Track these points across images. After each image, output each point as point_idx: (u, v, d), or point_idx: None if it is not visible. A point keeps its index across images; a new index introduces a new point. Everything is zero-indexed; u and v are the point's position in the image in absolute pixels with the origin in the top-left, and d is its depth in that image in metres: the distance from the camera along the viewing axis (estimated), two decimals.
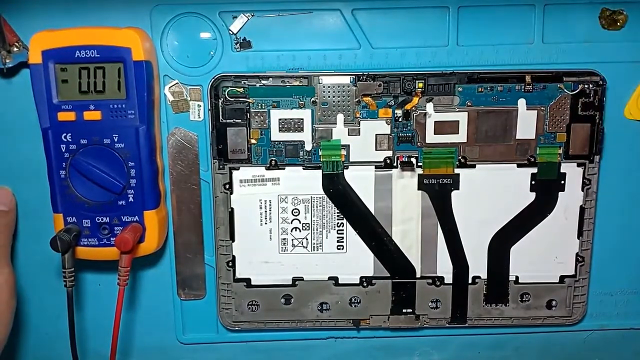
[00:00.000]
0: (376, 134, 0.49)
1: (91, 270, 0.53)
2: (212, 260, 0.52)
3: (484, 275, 0.52)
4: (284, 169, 0.49)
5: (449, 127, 0.49)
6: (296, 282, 0.52)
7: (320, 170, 0.50)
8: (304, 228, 0.51)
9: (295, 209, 0.50)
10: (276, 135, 0.49)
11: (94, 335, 0.54)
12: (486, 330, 0.55)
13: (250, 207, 0.50)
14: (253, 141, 0.49)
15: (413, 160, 0.49)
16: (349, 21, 0.48)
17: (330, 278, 0.52)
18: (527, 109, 0.49)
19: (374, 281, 0.52)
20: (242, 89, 0.48)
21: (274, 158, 0.49)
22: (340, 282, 0.52)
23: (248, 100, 0.48)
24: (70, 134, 0.45)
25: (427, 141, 0.49)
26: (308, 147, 0.49)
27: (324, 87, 0.48)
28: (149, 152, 0.46)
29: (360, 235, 0.51)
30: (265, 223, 0.51)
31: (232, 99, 0.48)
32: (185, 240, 0.52)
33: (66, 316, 0.54)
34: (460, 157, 0.50)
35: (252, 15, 0.48)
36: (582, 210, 0.51)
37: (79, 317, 0.53)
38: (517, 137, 0.49)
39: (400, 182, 0.50)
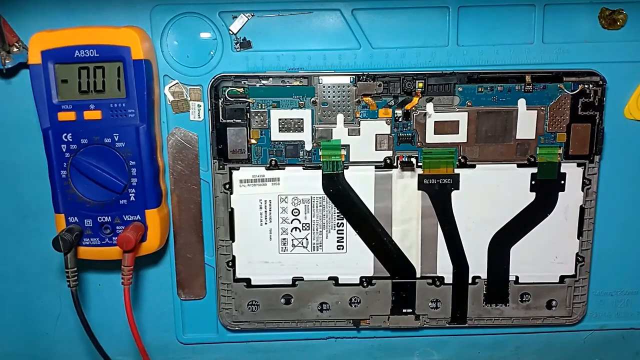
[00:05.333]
0: (376, 134, 0.49)
1: (91, 270, 0.53)
2: (212, 260, 0.52)
3: (484, 275, 0.52)
4: (284, 169, 0.50)
5: (449, 127, 0.49)
6: (296, 282, 0.52)
7: (320, 170, 0.50)
8: (304, 228, 0.51)
9: (295, 209, 0.50)
10: (276, 135, 0.49)
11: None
12: (486, 330, 0.55)
13: (250, 207, 0.50)
14: (253, 141, 0.49)
15: (413, 160, 0.49)
16: (349, 21, 0.48)
17: (330, 278, 0.52)
18: (527, 109, 0.49)
19: (374, 281, 0.52)
20: (242, 89, 0.48)
21: (274, 158, 0.49)
22: (340, 282, 0.52)
23: (248, 100, 0.48)
24: (70, 134, 0.45)
25: (427, 141, 0.49)
26: (308, 147, 0.49)
27: (324, 87, 0.48)
28: (150, 151, 0.46)
29: (360, 235, 0.51)
30: (265, 223, 0.51)
31: (232, 99, 0.48)
32: (185, 240, 0.52)
33: (67, 316, 0.54)
34: (460, 157, 0.50)
35: (252, 15, 0.48)
36: (582, 210, 0.51)
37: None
38: (517, 137, 0.49)
39: (400, 182, 0.50)
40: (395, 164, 0.50)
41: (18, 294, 0.53)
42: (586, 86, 0.48)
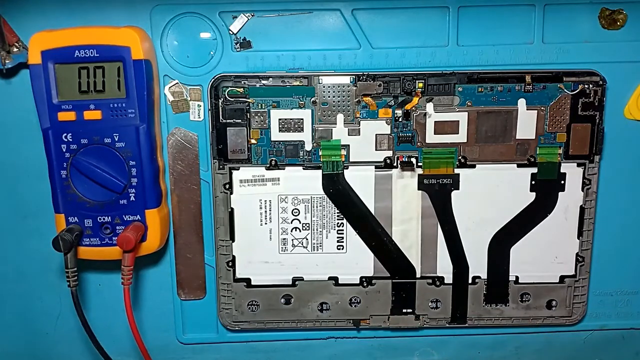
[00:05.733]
0: (376, 134, 0.49)
1: (91, 270, 0.53)
2: (212, 260, 0.52)
3: (484, 275, 0.52)
4: (284, 169, 0.50)
5: (449, 127, 0.49)
6: (296, 282, 0.52)
7: (320, 170, 0.50)
8: (304, 228, 0.51)
9: (295, 209, 0.50)
10: (276, 135, 0.49)
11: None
12: (486, 330, 0.55)
13: (250, 207, 0.50)
14: (253, 141, 0.49)
15: (413, 160, 0.49)
16: (349, 21, 0.48)
17: (330, 278, 0.52)
18: (527, 109, 0.49)
19: (374, 281, 0.52)
20: (242, 89, 0.48)
21: (274, 158, 0.49)
22: (340, 282, 0.52)
23: (248, 100, 0.48)
24: (70, 134, 0.45)
25: (427, 141, 0.49)
26: (308, 147, 0.49)
27: (324, 87, 0.48)
28: (150, 151, 0.46)
29: (360, 235, 0.51)
30: (265, 223, 0.51)
31: (232, 99, 0.48)
32: (185, 240, 0.52)
33: (67, 316, 0.54)
34: (460, 157, 0.50)
35: (252, 15, 0.48)
36: (582, 210, 0.51)
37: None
38: (517, 137, 0.49)
39: (400, 182, 0.50)
40: (395, 164, 0.50)
41: (18, 294, 0.53)
42: (586, 86, 0.48)
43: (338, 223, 0.51)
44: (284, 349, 0.56)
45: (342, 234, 0.51)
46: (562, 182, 0.50)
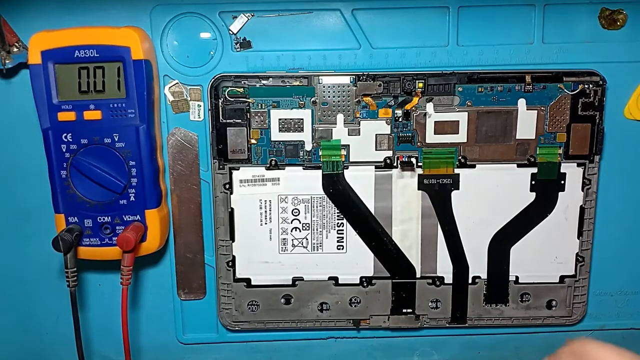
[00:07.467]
0: (376, 134, 0.49)
1: (91, 270, 0.53)
2: (212, 260, 0.52)
3: (484, 275, 0.52)
4: (284, 169, 0.50)
5: (449, 127, 0.49)
6: (296, 282, 0.52)
7: (320, 170, 0.50)
8: (304, 228, 0.51)
9: (295, 209, 0.50)
10: (276, 135, 0.49)
11: (94, 335, 0.54)
12: (486, 330, 0.55)
13: (250, 207, 0.50)
14: (253, 141, 0.49)
15: (413, 160, 0.49)
16: (349, 21, 0.48)
17: (330, 278, 0.52)
18: (527, 109, 0.49)
19: (374, 281, 0.52)
20: (242, 89, 0.48)
21: (274, 158, 0.49)
22: (340, 282, 0.52)
23: (248, 100, 0.48)
24: (70, 134, 0.45)
25: (427, 141, 0.49)
26: (308, 147, 0.49)
27: (324, 87, 0.48)
28: (150, 151, 0.46)
29: (360, 235, 0.51)
30: (265, 223, 0.51)
31: (232, 99, 0.48)
32: (185, 240, 0.52)
33: (66, 316, 0.54)
34: (460, 157, 0.50)
35: (252, 15, 0.48)
36: (582, 210, 0.51)
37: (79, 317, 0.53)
38: (517, 137, 0.49)
39: (400, 182, 0.50)
40: (395, 164, 0.50)
41: (18, 294, 0.53)
42: (586, 86, 0.48)
43: (338, 223, 0.51)
44: (284, 349, 0.56)
45: (342, 234, 0.51)
46: (562, 182, 0.50)
